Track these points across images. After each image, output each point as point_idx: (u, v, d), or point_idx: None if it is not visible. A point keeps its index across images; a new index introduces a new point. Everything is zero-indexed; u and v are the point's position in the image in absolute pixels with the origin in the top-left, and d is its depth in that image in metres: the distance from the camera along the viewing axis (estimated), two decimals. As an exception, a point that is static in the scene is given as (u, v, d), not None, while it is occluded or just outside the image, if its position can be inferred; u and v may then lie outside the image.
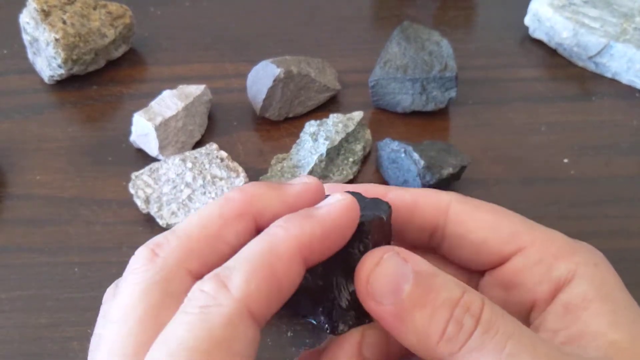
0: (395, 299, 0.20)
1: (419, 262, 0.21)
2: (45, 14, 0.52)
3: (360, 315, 0.22)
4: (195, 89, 0.51)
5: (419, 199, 0.25)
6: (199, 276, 0.20)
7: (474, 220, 0.24)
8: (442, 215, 0.25)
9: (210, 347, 0.18)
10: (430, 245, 0.26)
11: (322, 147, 0.46)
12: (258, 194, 0.22)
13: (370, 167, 0.49)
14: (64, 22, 0.53)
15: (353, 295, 0.22)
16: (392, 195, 0.25)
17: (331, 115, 0.49)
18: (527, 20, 0.60)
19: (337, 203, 0.21)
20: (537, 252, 0.23)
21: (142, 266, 0.21)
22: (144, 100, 0.51)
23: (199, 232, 0.21)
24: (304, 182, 0.23)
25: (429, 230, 0.25)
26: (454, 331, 0.19)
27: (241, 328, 0.18)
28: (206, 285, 0.19)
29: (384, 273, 0.21)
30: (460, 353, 0.19)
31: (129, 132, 0.49)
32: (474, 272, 0.26)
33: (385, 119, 0.53)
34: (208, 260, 0.21)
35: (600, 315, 0.21)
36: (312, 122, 0.49)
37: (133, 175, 0.46)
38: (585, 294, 0.22)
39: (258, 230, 0.22)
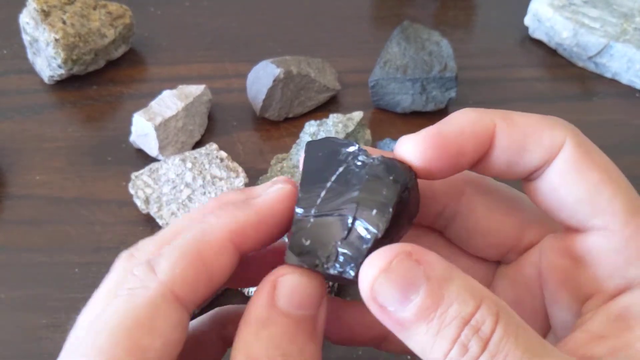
0: (402, 307, 0.18)
1: (433, 264, 0.19)
2: (45, 14, 0.52)
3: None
4: (195, 89, 0.51)
5: (529, 140, 0.22)
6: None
7: (578, 176, 0.21)
8: (552, 156, 0.22)
9: (132, 326, 0.19)
10: (523, 180, 0.23)
11: (322, 147, 0.46)
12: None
13: (370, 167, 0.49)
14: (64, 22, 0.53)
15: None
16: (499, 133, 0.22)
17: (331, 116, 0.49)
18: (527, 20, 0.60)
19: (274, 192, 0.21)
20: (623, 240, 0.20)
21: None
22: (144, 100, 0.51)
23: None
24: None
25: (530, 172, 0.22)
26: (457, 354, 0.18)
27: (164, 309, 0.19)
28: (137, 269, 0.20)
29: (391, 281, 0.18)
30: None
31: (129, 132, 0.49)
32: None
33: (385, 119, 0.53)
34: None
35: None
36: (312, 122, 0.49)
37: (133, 175, 0.46)
38: None
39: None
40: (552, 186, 0.22)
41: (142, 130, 0.48)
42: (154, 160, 0.48)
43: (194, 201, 0.44)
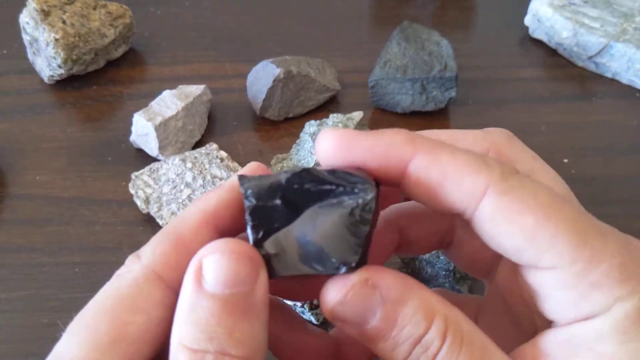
0: (360, 329, 0.20)
1: (389, 288, 0.20)
2: (45, 14, 0.52)
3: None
4: (195, 89, 0.51)
5: (446, 182, 0.21)
6: None
7: (509, 223, 0.20)
8: (472, 204, 0.21)
9: (114, 303, 0.20)
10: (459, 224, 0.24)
11: (322, 147, 0.46)
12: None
13: (370, 167, 0.49)
14: (64, 22, 0.53)
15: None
16: (414, 165, 0.21)
17: (331, 116, 0.49)
18: (527, 20, 0.60)
19: (243, 170, 0.23)
20: (573, 277, 0.20)
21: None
22: (144, 100, 0.51)
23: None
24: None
25: (452, 212, 0.22)
26: None
27: (145, 288, 0.20)
28: (127, 259, 0.22)
29: (347, 311, 0.20)
30: None
31: (129, 132, 0.49)
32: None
33: (385, 119, 0.53)
34: None
35: None
36: (312, 122, 0.49)
37: (133, 175, 0.46)
38: (602, 335, 0.20)
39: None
40: (487, 234, 0.21)
41: (142, 130, 0.48)
42: (154, 160, 0.48)
43: (194, 201, 0.44)
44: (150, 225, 0.45)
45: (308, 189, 0.20)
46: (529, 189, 0.21)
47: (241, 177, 0.21)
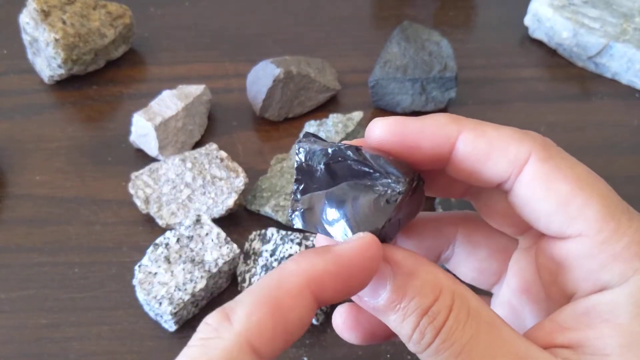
0: (374, 299, 0.21)
1: (400, 262, 0.21)
2: (45, 14, 0.52)
3: None
4: (195, 89, 0.51)
5: (493, 151, 0.22)
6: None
7: (546, 189, 0.22)
8: (515, 171, 0.22)
9: None
10: (499, 189, 0.24)
11: (322, 147, 0.46)
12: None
13: (370, 167, 0.49)
14: (64, 22, 0.53)
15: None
16: (462, 141, 0.23)
17: (331, 116, 0.49)
18: (527, 20, 0.60)
19: (356, 241, 0.21)
20: (597, 245, 0.21)
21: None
22: (144, 100, 0.51)
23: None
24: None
25: (496, 182, 0.23)
26: (417, 338, 0.21)
27: None
28: (210, 318, 0.19)
29: None
30: (422, 355, 0.21)
31: (128, 132, 0.49)
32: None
33: (385, 119, 0.53)
34: None
35: (619, 335, 0.20)
36: (312, 122, 0.49)
37: (133, 175, 0.46)
38: (618, 306, 0.20)
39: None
40: (523, 199, 0.22)
41: (142, 130, 0.48)
42: (153, 160, 0.48)
43: (194, 201, 0.44)
44: (150, 225, 0.45)
45: (350, 165, 0.22)
46: (567, 160, 0.22)
47: (305, 135, 0.23)
